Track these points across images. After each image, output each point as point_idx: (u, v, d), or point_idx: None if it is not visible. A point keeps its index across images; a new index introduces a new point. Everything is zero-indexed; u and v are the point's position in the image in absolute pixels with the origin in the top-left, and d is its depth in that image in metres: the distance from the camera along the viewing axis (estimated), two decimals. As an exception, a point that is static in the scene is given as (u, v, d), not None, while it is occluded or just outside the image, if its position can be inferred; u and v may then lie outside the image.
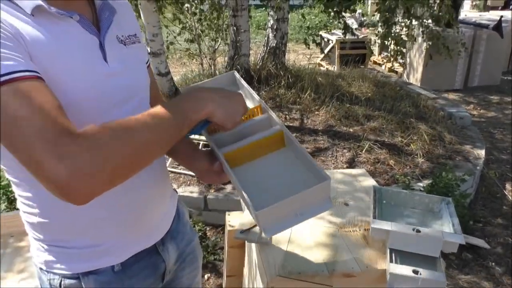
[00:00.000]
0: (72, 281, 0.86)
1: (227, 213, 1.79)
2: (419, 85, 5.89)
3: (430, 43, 5.35)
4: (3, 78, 0.62)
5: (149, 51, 4.20)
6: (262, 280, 1.24)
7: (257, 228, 1.28)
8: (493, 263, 2.67)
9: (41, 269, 0.89)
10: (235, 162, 0.95)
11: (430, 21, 5.15)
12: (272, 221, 0.82)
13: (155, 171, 0.93)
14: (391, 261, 1.16)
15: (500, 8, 9.22)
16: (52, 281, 0.87)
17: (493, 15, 6.86)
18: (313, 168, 0.88)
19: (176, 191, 1.11)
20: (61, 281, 0.86)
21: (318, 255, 1.24)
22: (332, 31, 7.50)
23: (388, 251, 1.19)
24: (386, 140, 3.68)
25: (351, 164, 3.33)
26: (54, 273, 0.87)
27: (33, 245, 0.89)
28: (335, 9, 4.40)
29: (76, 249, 0.85)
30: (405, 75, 6.55)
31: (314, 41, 5.30)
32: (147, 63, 0.99)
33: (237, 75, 1.11)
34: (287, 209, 0.82)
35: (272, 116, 0.97)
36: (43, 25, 0.72)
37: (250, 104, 1.06)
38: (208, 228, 2.90)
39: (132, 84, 0.87)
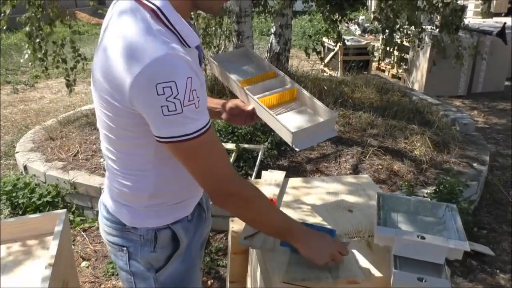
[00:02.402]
0: (165, 231, 1.13)
1: (230, 219, 1.78)
2: (422, 91, 5.89)
3: (433, 49, 5.35)
4: (204, 129, 0.92)
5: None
6: (265, 287, 1.24)
7: (260, 234, 1.27)
8: (498, 270, 2.65)
9: (131, 229, 1.12)
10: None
11: (431, 27, 5.16)
12: (300, 140, 1.26)
13: None
14: (395, 268, 1.15)
15: (503, 14, 9.23)
16: (146, 235, 1.11)
17: (497, 21, 6.86)
18: (322, 108, 1.35)
19: None
20: (155, 232, 1.11)
21: (322, 262, 1.24)
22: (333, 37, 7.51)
23: (392, 258, 1.18)
24: (389, 146, 3.67)
25: (355, 170, 3.32)
26: (148, 228, 1.11)
27: (126, 211, 1.12)
28: (331, 18, 4.40)
29: (172, 205, 1.13)
30: (408, 81, 6.55)
31: (314, 49, 5.31)
32: None
33: (250, 49, 1.50)
34: (309, 133, 1.27)
35: (286, 78, 1.45)
36: (190, 53, 0.93)
37: (260, 71, 1.48)
38: (211, 234, 2.89)
39: None
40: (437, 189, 2.88)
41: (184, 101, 0.85)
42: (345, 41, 5.13)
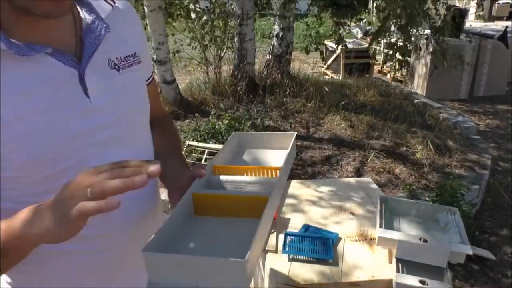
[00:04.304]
0: None
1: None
2: (424, 94, 5.89)
3: (432, 53, 5.36)
4: None
5: (154, 59, 4.23)
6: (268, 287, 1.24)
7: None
8: (499, 275, 2.64)
9: None
10: (202, 209, 0.82)
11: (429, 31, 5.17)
12: (162, 274, 0.65)
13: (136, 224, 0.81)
14: (397, 271, 1.15)
15: (505, 18, 9.24)
16: None
17: (498, 25, 6.87)
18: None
19: None
20: None
21: (324, 264, 1.24)
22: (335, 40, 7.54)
23: (394, 261, 1.19)
24: (391, 149, 3.68)
25: (357, 173, 3.32)
26: None
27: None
28: (336, 20, 4.44)
29: None
30: (410, 85, 6.55)
31: (317, 48, 5.33)
32: (148, 79, 0.90)
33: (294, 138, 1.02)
34: (184, 271, 0.64)
35: (278, 182, 0.83)
36: (3, 67, 0.63)
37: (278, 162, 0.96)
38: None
39: (119, 120, 0.76)
40: (439, 193, 2.88)
41: None
42: (346, 43, 5.14)
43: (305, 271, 1.21)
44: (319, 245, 1.29)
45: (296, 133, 1.06)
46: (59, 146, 0.68)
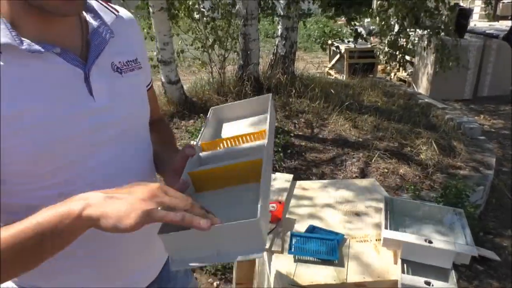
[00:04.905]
0: None
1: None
2: (428, 94, 5.88)
3: (437, 53, 5.35)
4: None
5: (159, 59, 4.25)
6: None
7: (269, 236, 1.29)
8: (504, 275, 2.64)
9: None
10: (201, 185, 0.83)
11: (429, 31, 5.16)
12: (183, 251, 0.67)
13: None
14: (403, 272, 1.16)
15: (510, 17, 9.19)
16: None
17: (503, 25, 6.85)
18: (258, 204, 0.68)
19: None
20: None
21: (329, 265, 1.25)
22: (342, 39, 7.54)
23: (400, 261, 1.19)
24: (395, 149, 3.68)
25: (361, 173, 3.33)
26: None
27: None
28: (347, 17, 4.46)
29: None
30: (414, 85, 6.54)
31: (323, 48, 5.35)
32: (148, 85, 0.94)
33: (271, 100, 1.00)
34: (203, 243, 0.65)
35: (265, 142, 0.84)
36: (11, 63, 0.65)
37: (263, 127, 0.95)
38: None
39: (120, 120, 0.79)
40: (444, 193, 2.88)
41: None
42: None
43: (311, 272, 1.22)
44: (324, 246, 1.29)
45: (271, 94, 1.03)
46: (65, 142, 0.70)
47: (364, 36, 5.24)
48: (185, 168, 0.81)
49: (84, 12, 0.78)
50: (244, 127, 1.03)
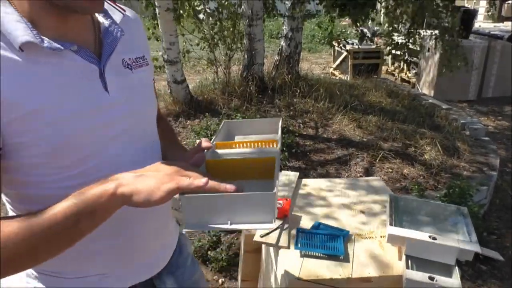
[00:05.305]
0: None
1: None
2: (432, 95, 5.89)
3: (442, 54, 5.35)
4: None
5: (165, 59, 4.28)
6: (280, 284, 1.28)
7: (276, 232, 1.32)
8: (507, 275, 2.66)
9: None
10: (215, 175, 0.84)
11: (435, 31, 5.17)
12: (198, 215, 0.73)
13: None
14: (407, 267, 1.19)
15: (515, 19, 9.18)
16: None
17: (507, 26, 6.84)
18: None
19: (179, 223, 1.07)
20: None
21: (335, 260, 1.28)
22: (346, 40, 7.56)
23: (404, 257, 1.22)
24: (399, 150, 3.70)
25: (365, 173, 3.35)
26: None
27: (22, 272, 0.84)
28: (353, 18, 4.48)
29: (69, 279, 0.84)
30: (418, 86, 6.55)
31: (331, 45, 5.37)
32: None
33: (280, 122, 1.12)
34: (217, 210, 0.71)
35: (278, 151, 0.92)
36: (33, 60, 0.68)
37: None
38: (222, 234, 2.94)
39: (133, 113, 0.83)
40: (447, 193, 2.90)
41: None
42: (370, 38, 5.19)
43: (317, 267, 1.25)
44: (330, 242, 1.32)
45: (281, 118, 1.14)
46: (82, 135, 0.74)
47: (369, 37, 5.26)
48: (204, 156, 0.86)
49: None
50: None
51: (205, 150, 0.86)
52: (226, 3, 4.75)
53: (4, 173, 0.70)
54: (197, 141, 0.93)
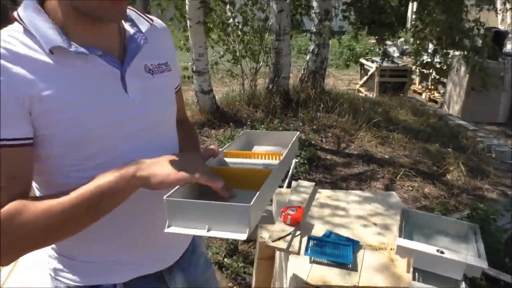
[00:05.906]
0: None
1: (259, 226, 1.87)
2: (459, 116, 5.81)
3: (471, 74, 5.30)
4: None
5: (194, 69, 4.42)
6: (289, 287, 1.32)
7: (287, 238, 1.36)
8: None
9: (50, 275, 0.96)
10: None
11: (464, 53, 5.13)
12: (179, 219, 0.77)
13: None
14: (413, 279, 1.21)
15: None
16: None
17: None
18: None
19: None
20: None
21: (343, 268, 1.31)
22: (373, 58, 7.56)
23: (412, 270, 1.24)
24: (421, 168, 3.67)
25: (385, 190, 3.34)
26: (61, 281, 0.93)
27: (46, 251, 0.95)
28: (377, 38, 4.52)
29: (82, 262, 0.91)
30: (445, 106, 6.47)
31: (355, 62, 5.40)
32: (176, 88, 1.05)
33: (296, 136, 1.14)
34: (198, 216, 0.75)
35: (279, 164, 0.95)
36: (61, 62, 0.77)
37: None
38: (240, 242, 2.99)
39: (151, 113, 0.89)
40: (470, 214, 2.85)
41: None
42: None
43: (325, 273, 1.28)
44: (340, 250, 1.35)
45: (299, 132, 1.17)
46: (102, 131, 0.81)
47: (393, 56, 5.27)
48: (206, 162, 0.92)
49: (123, 21, 0.90)
50: (267, 152, 1.14)
51: (211, 158, 0.94)
52: (253, 17, 4.87)
53: (35, 162, 0.80)
54: (211, 146, 1.01)
